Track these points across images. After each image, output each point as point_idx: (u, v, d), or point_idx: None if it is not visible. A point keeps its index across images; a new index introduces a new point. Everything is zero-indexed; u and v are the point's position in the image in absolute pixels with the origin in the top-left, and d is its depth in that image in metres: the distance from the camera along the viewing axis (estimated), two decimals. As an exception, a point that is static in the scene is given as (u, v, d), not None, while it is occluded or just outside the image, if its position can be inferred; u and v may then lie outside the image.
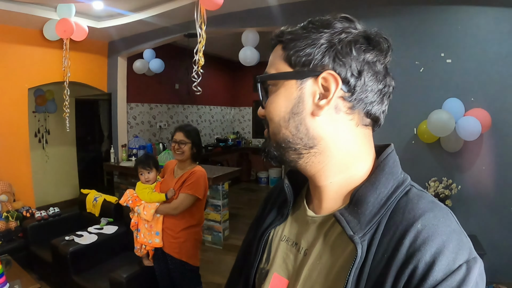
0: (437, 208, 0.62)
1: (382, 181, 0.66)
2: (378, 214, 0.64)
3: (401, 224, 0.61)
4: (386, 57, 0.67)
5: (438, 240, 0.56)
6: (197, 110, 8.51)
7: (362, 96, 0.66)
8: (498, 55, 3.35)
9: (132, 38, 5.55)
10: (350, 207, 0.67)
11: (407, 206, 0.63)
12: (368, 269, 0.60)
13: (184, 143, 2.66)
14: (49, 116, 6.32)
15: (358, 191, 0.67)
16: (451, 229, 0.59)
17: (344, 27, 0.65)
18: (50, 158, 6.41)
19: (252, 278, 0.85)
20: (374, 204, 0.65)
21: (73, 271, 3.15)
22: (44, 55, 4.94)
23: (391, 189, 0.66)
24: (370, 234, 0.63)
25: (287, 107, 0.68)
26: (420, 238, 0.57)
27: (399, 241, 0.59)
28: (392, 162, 0.69)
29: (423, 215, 0.60)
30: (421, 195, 0.65)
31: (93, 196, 4.21)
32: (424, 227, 0.58)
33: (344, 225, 0.65)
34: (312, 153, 0.69)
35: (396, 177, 0.68)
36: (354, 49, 0.64)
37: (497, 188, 3.52)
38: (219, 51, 7.93)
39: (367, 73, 0.65)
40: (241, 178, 9.08)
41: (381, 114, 0.70)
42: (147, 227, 2.73)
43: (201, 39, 3.36)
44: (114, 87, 5.98)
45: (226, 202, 5.14)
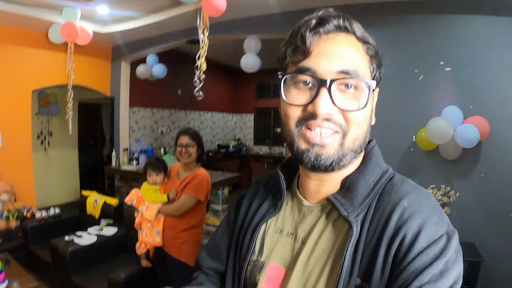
0: (419, 189, 0.72)
1: (370, 169, 0.77)
2: (369, 197, 0.73)
3: (389, 203, 0.69)
4: None
5: (422, 214, 0.65)
6: (199, 116, 8.55)
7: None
8: (498, 63, 3.37)
9: (136, 43, 5.60)
10: (342, 192, 0.76)
11: (392, 189, 0.72)
12: (363, 245, 0.68)
13: (190, 146, 2.71)
14: (52, 118, 6.38)
15: (349, 178, 0.77)
16: (432, 206, 0.68)
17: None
18: (52, 160, 6.45)
19: (244, 270, 0.86)
20: (364, 188, 0.74)
21: (72, 271, 3.17)
22: (49, 57, 5.00)
23: (378, 176, 0.76)
24: (363, 215, 0.71)
25: (369, 115, 0.74)
26: (407, 212, 0.66)
27: (388, 217, 0.67)
28: (376, 154, 0.80)
29: (407, 194, 0.69)
30: (403, 180, 0.75)
31: (94, 198, 4.24)
32: (409, 203, 0.67)
33: (338, 206, 0.73)
34: (360, 155, 0.80)
35: (381, 166, 0.78)
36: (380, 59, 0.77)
37: (496, 196, 3.50)
38: (222, 57, 7.97)
39: None
40: (241, 185, 9.07)
41: None
42: (149, 227, 2.79)
43: (203, 45, 3.41)
44: (117, 91, 6.01)
45: (225, 207, 5.14)
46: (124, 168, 5.64)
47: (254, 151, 9.77)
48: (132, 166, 5.60)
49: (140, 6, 4.29)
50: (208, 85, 2.97)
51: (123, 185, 5.93)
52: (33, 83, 4.92)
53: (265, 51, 4.71)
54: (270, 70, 5.33)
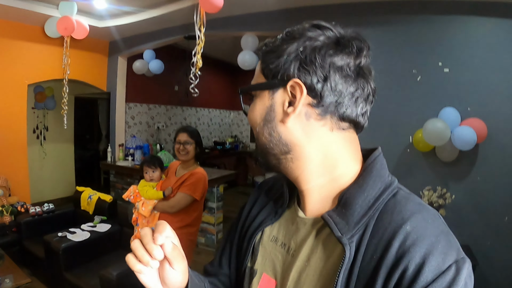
0: (425, 210, 0.63)
1: (369, 183, 0.67)
2: (366, 216, 0.64)
3: (389, 225, 0.61)
4: (358, 59, 0.67)
5: (427, 241, 0.57)
6: (195, 113, 8.53)
7: (330, 102, 0.66)
8: (496, 66, 3.35)
9: (133, 39, 5.57)
10: (338, 209, 0.68)
11: (395, 208, 0.64)
12: (358, 270, 0.61)
13: (189, 143, 2.71)
14: (48, 113, 6.34)
15: (346, 193, 0.68)
16: (439, 230, 0.60)
17: (312, 35, 0.67)
18: (47, 155, 6.42)
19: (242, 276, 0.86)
20: (362, 205, 0.65)
21: (65, 267, 3.15)
22: (45, 52, 4.97)
23: (379, 191, 0.67)
24: (359, 235, 0.63)
25: (261, 115, 0.71)
26: (409, 239, 0.58)
27: (389, 242, 0.59)
28: (379, 165, 0.70)
29: (411, 216, 0.61)
30: (408, 197, 0.66)
31: (88, 193, 4.22)
32: (413, 228, 0.59)
33: (332, 226, 0.66)
34: (289, 159, 0.71)
35: (383, 179, 0.69)
36: (318, 56, 0.65)
37: (492, 199, 3.49)
38: (219, 54, 7.95)
39: (334, 78, 0.65)
40: (237, 182, 9.07)
41: (359, 117, 0.69)
42: (144, 223, 2.77)
43: (199, 42, 3.38)
44: (113, 87, 5.99)
45: (220, 204, 5.14)
46: (119, 163, 5.64)
47: (250, 148, 9.72)
48: (127, 162, 5.59)
49: (137, 1, 4.27)
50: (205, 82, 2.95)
51: (118, 181, 5.92)
52: (29, 77, 4.89)
53: (259, 48, 4.69)
54: None
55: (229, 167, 8.84)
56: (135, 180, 5.64)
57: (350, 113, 0.68)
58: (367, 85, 0.69)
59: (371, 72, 0.70)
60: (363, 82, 0.68)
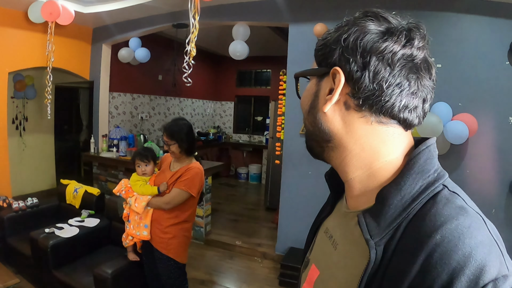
0: (463, 215, 0.55)
1: (408, 181, 0.61)
2: (400, 218, 0.59)
3: (419, 232, 0.54)
4: (406, 49, 0.61)
5: (459, 255, 0.49)
6: (179, 103, 8.41)
7: (369, 92, 0.61)
8: (487, 63, 3.47)
9: (119, 26, 5.40)
10: (373, 208, 0.63)
11: (430, 211, 0.56)
12: (381, 277, 0.57)
13: (170, 144, 2.61)
14: (27, 102, 6.06)
15: (382, 191, 0.63)
16: (478, 241, 0.51)
17: (362, 23, 0.63)
18: (27, 146, 6.16)
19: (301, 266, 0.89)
20: (397, 206, 0.60)
21: (54, 266, 3.04)
22: (27, 38, 4.74)
23: (419, 190, 0.60)
24: (387, 239, 0.58)
25: (308, 101, 0.72)
26: (437, 252, 0.51)
27: (415, 253, 0.53)
28: (424, 159, 0.63)
29: (444, 223, 0.53)
30: (450, 199, 0.58)
31: (74, 187, 4.07)
32: (443, 239, 0.51)
33: (362, 227, 0.62)
34: (330, 147, 0.70)
35: (426, 176, 0.61)
36: (360, 44, 0.61)
37: (480, 192, 3.61)
38: (204, 43, 7.81)
39: (374, 67, 0.60)
40: (220, 173, 9.01)
41: (403, 112, 0.63)
42: (137, 219, 2.68)
43: (193, 30, 3.27)
44: (96, 75, 5.80)
45: (209, 196, 5.08)
46: (103, 155, 5.48)
47: (233, 139, 9.71)
48: (112, 153, 5.43)
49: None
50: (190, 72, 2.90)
51: (102, 173, 5.77)
52: (10, 65, 4.65)
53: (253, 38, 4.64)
54: (252, 57, 5.38)
55: (212, 158, 8.78)
56: (119, 172, 5.51)
57: (390, 106, 0.62)
58: (417, 80, 0.62)
59: (429, 67, 0.64)
60: (412, 75, 0.61)
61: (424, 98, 0.64)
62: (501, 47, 3.41)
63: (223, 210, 6.34)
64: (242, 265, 4.35)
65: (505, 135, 3.50)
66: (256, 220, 5.94)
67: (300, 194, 4.18)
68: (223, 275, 4.10)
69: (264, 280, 3.99)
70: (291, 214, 4.30)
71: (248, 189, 8.28)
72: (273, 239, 4.81)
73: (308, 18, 4.01)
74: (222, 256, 4.57)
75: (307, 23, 3.97)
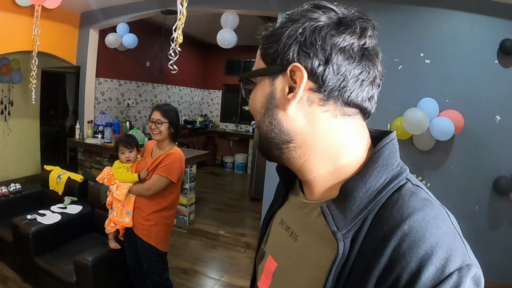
0: (429, 206, 0.57)
1: (373, 174, 0.62)
2: (366, 210, 0.59)
3: (387, 223, 0.56)
4: (362, 39, 0.62)
5: (426, 244, 0.51)
6: (166, 90, 8.34)
7: (333, 86, 0.62)
8: (475, 61, 3.51)
9: (107, 11, 5.32)
10: (337, 200, 0.63)
11: (396, 203, 0.58)
12: (350, 268, 0.57)
13: (160, 123, 2.59)
14: (13, 86, 5.94)
15: (347, 184, 0.63)
16: (443, 231, 0.54)
17: (312, 16, 0.62)
18: (12, 131, 6.04)
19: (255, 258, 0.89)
20: (363, 198, 0.60)
21: (35, 253, 3.00)
22: (13, 21, 4.62)
23: (383, 183, 0.61)
24: (355, 231, 0.59)
25: (262, 103, 0.69)
26: (406, 242, 0.52)
27: (383, 243, 0.54)
28: (388, 153, 0.64)
29: (411, 215, 0.55)
30: (414, 191, 0.60)
31: (57, 173, 4.02)
32: (411, 229, 0.53)
33: (328, 219, 0.61)
34: (292, 148, 0.67)
35: (390, 169, 0.63)
36: (318, 38, 0.61)
37: (464, 188, 3.66)
38: (193, 31, 7.74)
39: (336, 60, 0.61)
40: (206, 162, 8.99)
41: (365, 101, 0.65)
42: (119, 206, 2.69)
43: (181, 16, 3.23)
44: (83, 60, 5.71)
45: (193, 185, 5.08)
46: (88, 141, 5.44)
47: (220, 128, 9.69)
48: (97, 139, 5.38)
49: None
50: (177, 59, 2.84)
51: (87, 159, 5.73)
52: (-4, 48, 4.56)
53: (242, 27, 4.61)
54: (241, 46, 5.35)
55: (198, 147, 8.77)
56: (104, 158, 5.48)
57: (355, 97, 0.63)
58: (373, 67, 0.64)
59: (378, 53, 0.66)
60: (369, 64, 0.63)
61: (378, 84, 0.67)
62: (491, 46, 3.45)
63: (208, 199, 6.35)
64: (225, 255, 4.37)
65: (491, 133, 3.55)
66: (240, 210, 5.97)
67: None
68: (205, 264, 4.12)
69: (246, 270, 4.01)
70: (276, 205, 4.31)
71: (233, 179, 8.29)
72: (256, 229, 4.84)
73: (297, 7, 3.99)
74: (205, 245, 4.58)
75: (297, 14, 3.95)
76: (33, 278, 3.14)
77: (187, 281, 3.70)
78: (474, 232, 3.54)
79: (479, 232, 3.62)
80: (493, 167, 3.59)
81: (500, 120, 3.51)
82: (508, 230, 3.67)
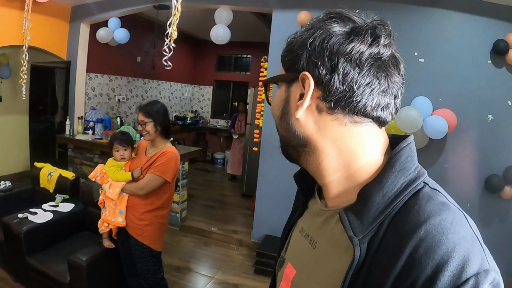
0: (446, 211, 0.56)
1: (390, 179, 0.61)
2: (382, 215, 0.59)
3: (403, 228, 0.55)
4: (373, 48, 0.61)
5: (442, 250, 0.50)
6: (157, 86, 8.30)
7: (340, 94, 0.61)
8: (469, 60, 3.54)
9: (98, 5, 5.24)
10: (355, 205, 0.63)
11: (413, 208, 0.57)
12: (366, 273, 0.57)
13: (146, 123, 2.56)
14: (2, 81, 5.80)
15: (364, 189, 0.63)
16: (460, 236, 0.53)
17: (326, 25, 0.63)
18: (0, 127, 5.95)
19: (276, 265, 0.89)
20: (379, 204, 0.60)
21: (27, 252, 2.95)
22: (3, 15, 4.51)
23: (401, 187, 0.61)
24: (371, 236, 0.59)
25: (279, 107, 0.72)
26: (422, 247, 0.51)
27: (399, 248, 0.54)
28: (405, 157, 0.64)
29: (428, 219, 0.54)
30: (432, 196, 0.59)
31: (48, 170, 3.97)
32: (427, 234, 0.52)
33: (346, 225, 0.62)
34: (307, 152, 0.69)
35: (407, 174, 0.62)
36: (326, 47, 0.61)
37: (456, 186, 3.69)
38: (185, 26, 7.68)
39: (343, 69, 0.60)
40: (196, 158, 8.96)
41: (375, 110, 0.63)
42: (112, 205, 2.66)
43: (175, 12, 3.19)
44: (74, 55, 5.62)
45: (185, 182, 5.05)
46: (78, 137, 5.37)
47: (211, 124, 9.67)
48: (87, 135, 5.32)
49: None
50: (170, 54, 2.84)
51: (77, 156, 5.67)
52: (-15, 43, 4.46)
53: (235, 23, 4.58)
54: (232, 42, 5.32)
55: (189, 143, 8.73)
56: (95, 155, 5.43)
57: (362, 106, 0.62)
58: (387, 77, 0.63)
59: (397, 62, 0.65)
60: (381, 73, 0.62)
61: (395, 95, 0.65)
62: (484, 46, 3.47)
63: (199, 196, 6.33)
64: (217, 252, 4.36)
65: (483, 132, 3.59)
66: (232, 207, 5.96)
67: (277, 182, 4.19)
68: (199, 261, 4.11)
69: (239, 267, 4.01)
70: (268, 202, 4.31)
71: (224, 175, 8.25)
72: (248, 226, 4.84)
73: (292, 5, 3.97)
74: (198, 243, 4.58)
75: (292, 10, 3.94)
76: (24, 278, 3.10)
77: (181, 279, 3.69)
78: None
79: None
80: (485, 166, 3.63)
81: (492, 119, 3.55)
82: (499, 228, 3.72)
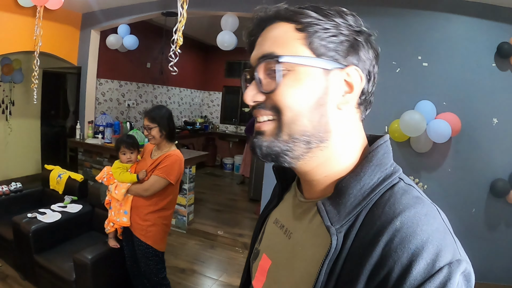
0: (420, 204, 0.58)
1: (367, 172, 0.64)
2: (359, 206, 0.61)
3: (379, 219, 0.57)
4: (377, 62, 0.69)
5: (417, 240, 0.52)
6: (166, 91, 8.36)
7: (370, 92, 0.68)
8: (473, 64, 3.51)
9: (108, 12, 5.35)
10: (333, 197, 0.65)
11: (389, 200, 0.59)
12: (342, 262, 0.59)
13: (151, 128, 2.62)
14: (14, 86, 5.98)
15: (342, 181, 0.65)
16: (434, 228, 0.55)
17: (357, 23, 0.66)
18: (13, 131, 6.08)
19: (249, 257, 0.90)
20: (357, 195, 0.62)
21: (35, 250, 3.03)
22: (16, 22, 4.65)
23: (377, 181, 0.63)
24: (348, 225, 0.60)
25: (312, 97, 0.63)
26: (397, 237, 0.53)
27: (375, 238, 0.55)
28: (382, 153, 0.66)
29: (403, 211, 0.56)
30: (407, 190, 0.62)
31: (58, 172, 4.06)
32: (402, 225, 0.54)
33: (323, 215, 0.63)
34: (321, 147, 0.66)
35: (384, 169, 0.65)
36: (371, 49, 0.66)
37: (461, 190, 3.65)
38: (193, 32, 7.77)
39: (375, 69, 0.68)
40: (205, 163, 9.01)
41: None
42: (117, 206, 2.72)
43: (181, 19, 3.26)
44: (84, 61, 5.74)
45: (192, 186, 5.10)
46: (88, 141, 5.46)
47: (220, 129, 9.70)
48: (97, 139, 5.41)
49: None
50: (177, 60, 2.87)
51: (87, 159, 5.76)
52: (-2, 48, 4.60)
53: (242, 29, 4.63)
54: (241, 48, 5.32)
55: (198, 148, 8.77)
56: (104, 158, 5.51)
57: (371, 102, 0.70)
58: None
59: None
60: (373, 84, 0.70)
61: None
62: (488, 49, 3.46)
63: (207, 200, 6.36)
64: (223, 255, 4.39)
65: (488, 136, 3.56)
66: (239, 211, 5.98)
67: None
68: (204, 264, 4.13)
69: (244, 270, 4.03)
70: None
71: (233, 180, 8.28)
72: (255, 230, 4.85)
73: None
74: (204, 246, 4.60)
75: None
76: (32, 276, 3.16)
77: (185, 280, 3.72)
78: (470, 234, 3.56)
79: (476, 234, 3.63)
80: (490, 170, 3.60)
81: (497, 123, 3.53)
82: (504, 233, 3.67)
